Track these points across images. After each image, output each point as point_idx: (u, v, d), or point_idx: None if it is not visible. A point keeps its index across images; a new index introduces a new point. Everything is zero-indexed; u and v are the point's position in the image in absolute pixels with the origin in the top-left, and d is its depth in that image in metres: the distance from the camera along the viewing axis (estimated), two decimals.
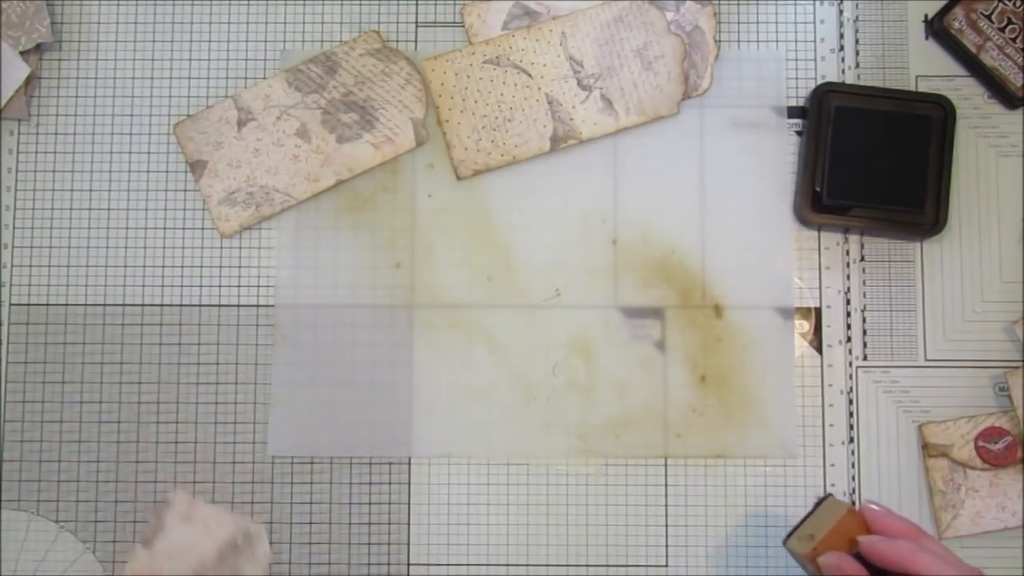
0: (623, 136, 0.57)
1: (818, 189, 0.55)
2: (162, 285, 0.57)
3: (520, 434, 0.55)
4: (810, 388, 0.56)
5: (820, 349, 0.56)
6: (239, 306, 0.57)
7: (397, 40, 0.58)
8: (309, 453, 0.56)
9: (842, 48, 0.58)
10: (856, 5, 0.58)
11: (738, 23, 0.58)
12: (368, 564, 0.55)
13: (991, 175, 0.57)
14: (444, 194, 0.57)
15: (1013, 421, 0.54)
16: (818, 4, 0.58)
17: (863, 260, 0.57)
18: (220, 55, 0.58)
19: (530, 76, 0.57)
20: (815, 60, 0.58)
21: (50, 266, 0.57)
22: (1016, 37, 0.56)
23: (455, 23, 0.58)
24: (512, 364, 0.56)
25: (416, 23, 0.58)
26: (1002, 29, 0.56)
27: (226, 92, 0.58)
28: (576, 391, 0.56)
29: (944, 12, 0.57)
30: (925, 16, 0.58)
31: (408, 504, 0.55)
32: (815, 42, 0.58)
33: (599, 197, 0.57)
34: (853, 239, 0.57)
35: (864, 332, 0.56)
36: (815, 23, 0.58)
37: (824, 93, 0.56)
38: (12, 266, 0.57)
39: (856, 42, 0.58)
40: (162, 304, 0.57)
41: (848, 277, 0.56)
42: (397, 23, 0.58)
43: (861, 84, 0.57)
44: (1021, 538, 0.54)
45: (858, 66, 0.58)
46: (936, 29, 0.57)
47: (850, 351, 0.56)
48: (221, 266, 0.57)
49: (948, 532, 0.54)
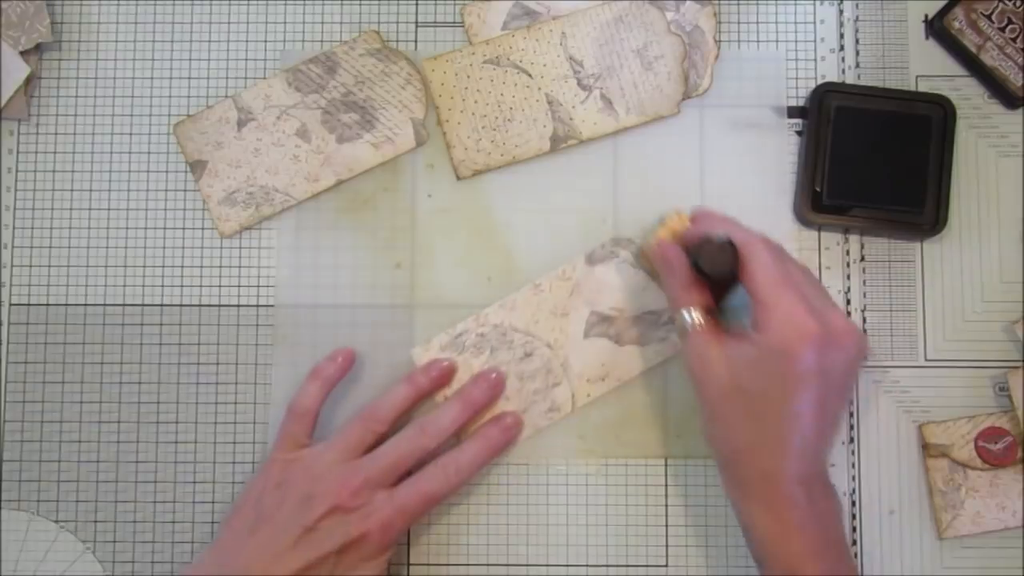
0: (623, 136, 0.57)
1: (818, 189, 0.55)
2: (162, 285, 0.57)
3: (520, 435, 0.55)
4: None
5: None
6: (239, 306, 0.57)
7: (397, 40, 0.58)
8: None
9: (842, 48, 0.58)
10: (856, 5, 0.58)
11: (738, 23, 0.58)
12: None
13: (991, 175, 0.57)
14: (444, 194, 0.57)
15: (1013, 421, 0.54)
16: (818, 4, 0.58)
17: (863, 260, 0.57)
18: (220, 55, 0.58)
19: (530, 76, 0.57)
20: (815, 60, 0.58)
21: (50, 266, 0.57)
22: (1016, 37, 0.56)
23: (455, 23, 0.58)
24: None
25: (416, 23, 0.58)
26: (1002, 29, 0.56)
27: (226, 92, 0.58)
28: None
29: (944, 12, 0.57)
30: (925, 16, 0.58)
31: None
32: (815, 42, 0.58)
33: (599, 197, 0.57)
34: (853, 239, 0.57)
35: (864, 332, 0.56)
36: (815, 23, 0.58)
37: (824, 93, 0.56)
38: (12, 266, 0.57)
39: (856, 42, 0.58)
40: (162, 304, 0.57)
41: (848, 277, 0.56)
42: (397, 23, 0.58)
43: (861, 84, 0.57)
44: (1021, 538, 0.54)
45: (858, 66, 0.58)
46: (936, 29, 0.57)
47: None
48: (221, 266, 0.57)
49: (948, 532, 0.54)
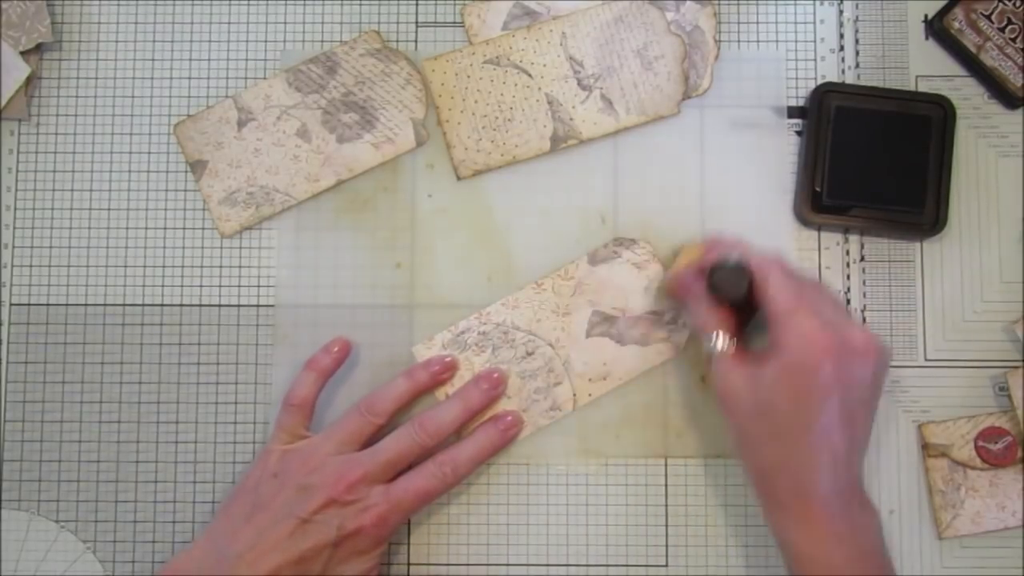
0: (623, 136, 0.57)
1: (818, 189, 0.55)
2: (162, 285, 0.57)
3: (521, 435, 0.55)
4: None
5: None
6: (239, 306, 0.57)
7: (397, 40, 0.58)
8: None
9: (842, 48, 0.58)
10: (856, 5, 0.58)
11: (738, 23, 0.58)
12: None
13: (991, 175, 0.57)
14: (444, 194, 0.57)
15: (1013, 421, 0.54)
16: (818, 4, 0.58)
17: (863, 260, 0.57)
18: (220, 55, 0.58)
19: (530, 76, 0.57)
20: (815, 60, 0.58)
21: (50, 266, 0.57)
22: (1016, 37, 0.56)
23: (455, 23, 0.58)
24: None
25: (416, 23, 0.58)
26: (1002, 29, 0.56)
27: (226, 92, 0.58)
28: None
29: (944, 12, 0.57)
30: (925, 16, 0.58)
31: None
32: (815, 42, 0.58)
33: (599, 197, 0.57)
34: (853, 239, 0.57)
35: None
36: (815, 23, 0.58)
37: (824, 93, 0.56)
38: (12, 266, 0.57)
39: (856, 42, 0.58)
40: (162, 304, 0.57)
41: (848, 277, 0.56)
42: (397, 23, 0.58)
43: (861, 84, 0.57)
44: (1021, 538, 0.54)
45: (858, 66, 0.58)
46: (936, 29, 0.57)
47: None
48: (221, 266, 0.57)
49: (948, 532, 0.54)
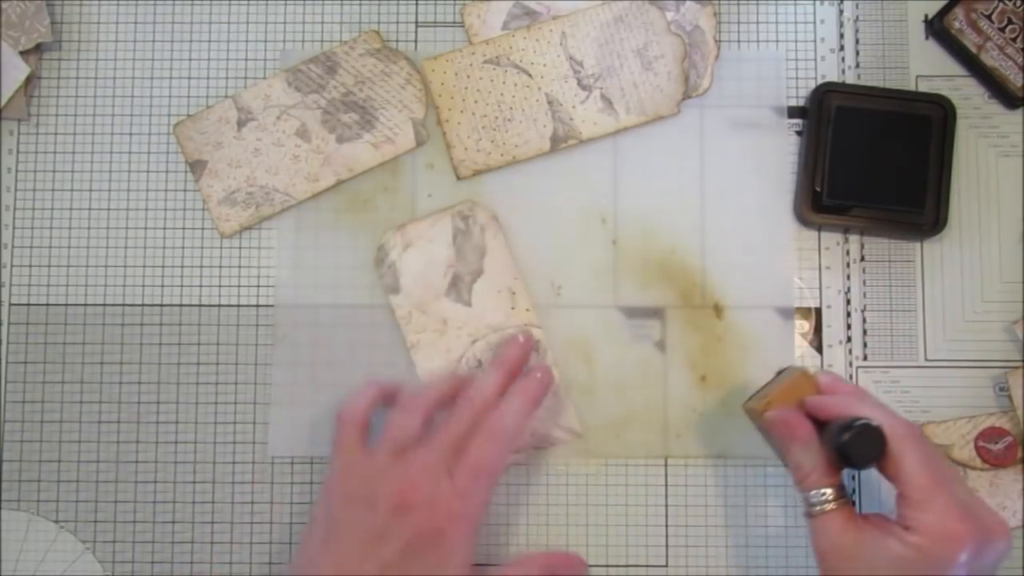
0: (623, 136, 0.57)
1: (818, 189, 0.55)
2: (162, 285, 0.57)
3: None
4: None
5: (820, 349, 0.56)
6: (239, 306, 0.57)
7: (397, 40, 0.58)
8: (309, 453, 0.56)
9: (842, 48, 0.58)
10: (856, 5, 0.58)
11: (738, 23, 0.58)
12: None
13: (991, 175, 0.57)
14: (444, 194, 0.57)
15: (1013, 421, 0.54)
16: (818, 4, 0.58)
17: (863, 260, 0.57)
18: (220, 55, 0.58)
19: (530, 76, 0.57)
20: (815, 60, 0.58)
21: (50, 266, 0.57)
22: (1016, 37, 0.56)
23: (455, 23, 0.58)
24: None
25: (416, 23, 0.58)
26: (1002, 29, 0.56)
27: (226, 92, 0.58)
28: (576, 391, 0.56)
29: (944, 12, 0.57)
30: (925, 16, 0.58)
31: None
32: (815, 42, 0.58)
33: (599, 197, 0.57)
34: (853, 239, 0.57)
35: (864, 332, 0.56)
36: (815, 23, 0.58)
37: (824, 93, 0.56)
38: (12, 266, 0.57)
39: (856, 42, 0.58)
40: (162, 304, 0.57)
41: (848, 277, 0.56)
42: (397, 23, 0.58)
43: (861, 84, 0.57)
44: (1021, 538, 0.54)
45: (858, 66, 0.58)
46: (936, 29, 0.57)
47: (850, 351, 0.56)
48: (221, 266, 0.57)
49: None
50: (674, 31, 0.57)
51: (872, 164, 0.55)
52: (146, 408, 0.56)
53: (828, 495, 0.46)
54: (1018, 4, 0.56)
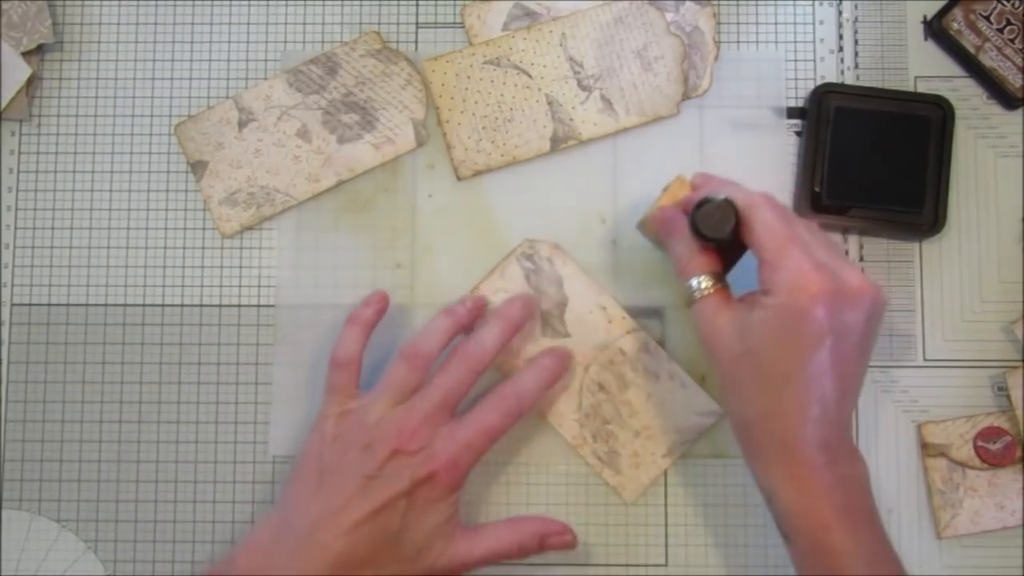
0: (623, 136, 0.57)
1: (817, 189, 0.55)
2: (163, 285, 0.57)
3: (520, 434, 0.55)
4: None
5: None
6: (240, 306, 0.57)
7: (397, 41, 0.58)
8: None
9: (841, 49, 0.58)
10: (855, 6, 0.58)
11: (738, 24, 0.58)
12: None
13: (990, 176, 0.57)
14: (444, 194, 0.57)
15: (1012, 421, 0.55)
16: (817, 5, 0.58)
17: (862, 260, 0.57)
18: (221, 56, 0.58)
19: (530, 77, 0.57)
20: (814, 61, 0.58)
21: (51, 266, 0.57)
22: (1015, 38, 0.56)
23: (455, 24, 0.58)
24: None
25: (416, 24, 0.58)
26: (1001, 30, 0.56)
27: (227, 93, 0.58)
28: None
29: (943, 13, 0.57)
30: (924, 17, 0.58)
31: None
32: (814, 43, 0.58)
33: (599, 197, 0.57)
34: (852, 239, 0.57)
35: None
36: (814, 24, 0.58)
37: (823, 94, 0.56)
38: (14, 266, 0.57)
39: (855, 43, 0.58)
40: (163, 304, 0.57)
41: None
42: (397, 24, 0.58)
43: (860, 85, 0.57)
44: (1021, 538, 0.55)
45: (857, 67, 0.58)
46: (935, 30, 0.57)
47: None
48: (222, 266, 0.57)
49: (947, 531, 0.54)
50: (674, 32, 0.57)
51: (871, 165, 0.55)
52: (147, 408, 0.56)
53: (703, 281, 0.47)
54: (1017, 5, 0.56)
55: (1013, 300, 0.56)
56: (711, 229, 0.46)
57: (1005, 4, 0.56)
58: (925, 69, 0.57)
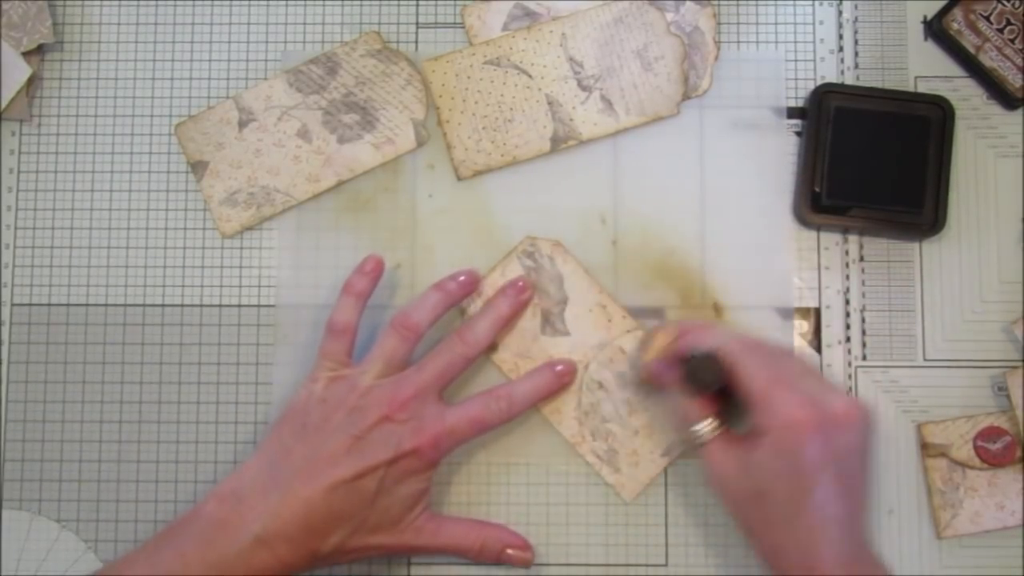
0: (623, 137, 0.57)
1: (817, 189, 0.56)
2: (163, 285, 0.57)
3: (520, 434, 0.55)
4: None
5: (819, 349, 0.56)
6: (240, 306, 0.57)
7: (398, 41, 0.58)
8: None
9: (841, 49, 0.58)
10: (855, 6, 0.58)
11: (738, 24, 0.58)
12: (369, 563, 0.55)
13: (990, 176, 0.57)
14: (444, 195, 0.57)
15: (1012, 421, 0.55)
16: (817, 5, 0.58)
17: (862, 260, 0.57)
18: (221, 56, 0.58)
19: (530, 77, 0.57)
20: (814, 61, 0.58)
21: (51, 266, 0.57)
22: (1015, 38, 0.56)
23: (455, 24, 0.58)
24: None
25: (416, 24, 0.59)
26: (1001, 30, 0.56)
27: (227, 93, 0.58)
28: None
29: (943, 13, 0.57)
30: (924, 17, 0.58)
31: None
32: (814, 43, 0.58)
33: (599, 197, 0.57)
34: (852, 239, 0.57)
35: (863, 332, 0.56)
36: (814, 24, 0.58)
37: (823, 94, 0.56)
38: (14, 266, 0.57)
39: (855, 43, 0.58)
40: (163, 304, 0.57)
41: (847, 277, 0.57)
42: (398, 24, 0.58)
43: (860, 85, 0.57)
44: (1021, 538, 0.55)
45: (857, 67, 0.58)
46: (935, 30, 0.57)
47: (849, 351, 0.56)
48: (222, 266, 0.57)
49: (947, 531, 0.54)
50: (674, 32, 0.57)
51: (871, 165, 0.55)
52: (148, 408, 0.56)
53: (704, 426, 0.49)
54: (1016, 5, 0.56)
55: (1013, 300, 0.56)
56: (703, 384, 0.49)
57: (1005, 4, 0.56)
58: (925, 69, 0.57)
